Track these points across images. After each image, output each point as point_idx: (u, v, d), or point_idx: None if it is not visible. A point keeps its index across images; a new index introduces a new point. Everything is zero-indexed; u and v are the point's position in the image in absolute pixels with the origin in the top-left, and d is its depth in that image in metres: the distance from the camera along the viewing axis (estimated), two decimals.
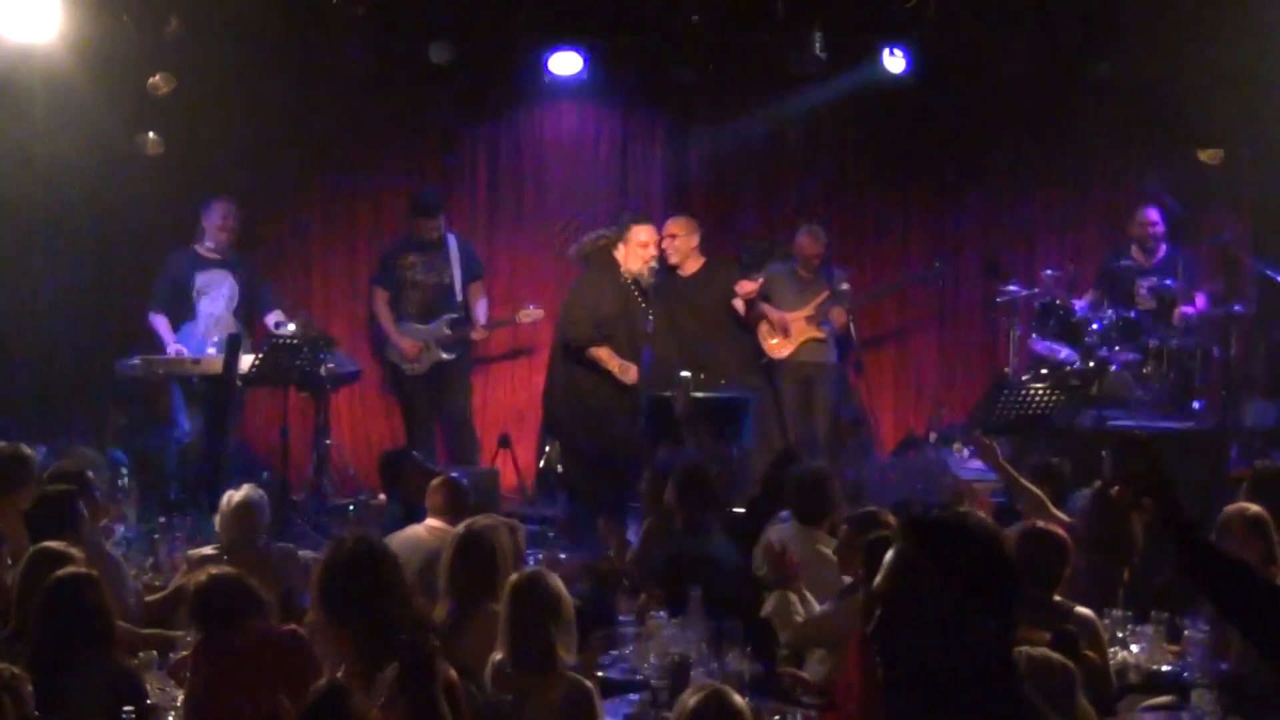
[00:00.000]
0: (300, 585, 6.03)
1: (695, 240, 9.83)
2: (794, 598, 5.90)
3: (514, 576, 4.83)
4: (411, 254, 10.30)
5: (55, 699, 4.39)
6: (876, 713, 4.40)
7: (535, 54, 10.79)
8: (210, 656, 4.73)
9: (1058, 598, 5.36)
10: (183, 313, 9.96)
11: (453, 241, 10.37)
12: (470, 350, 10.62)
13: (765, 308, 10.21)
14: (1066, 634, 4.72)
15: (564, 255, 10.19)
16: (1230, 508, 6.14)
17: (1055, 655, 4.13)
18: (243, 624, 4.75)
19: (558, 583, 4.78)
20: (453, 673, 3.99)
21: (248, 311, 10.09)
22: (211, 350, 9.73)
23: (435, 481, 6.95)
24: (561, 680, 4.59)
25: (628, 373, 9.18)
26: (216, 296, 10.00)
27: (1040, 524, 5.74)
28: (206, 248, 10.02)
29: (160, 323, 9.92)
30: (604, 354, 9.27)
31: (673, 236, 9.74)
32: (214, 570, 4.98)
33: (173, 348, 9.77)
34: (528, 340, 11.07)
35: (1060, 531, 5.64)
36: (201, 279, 9.98)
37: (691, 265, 9.82)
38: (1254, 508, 6.05)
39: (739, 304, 9.90)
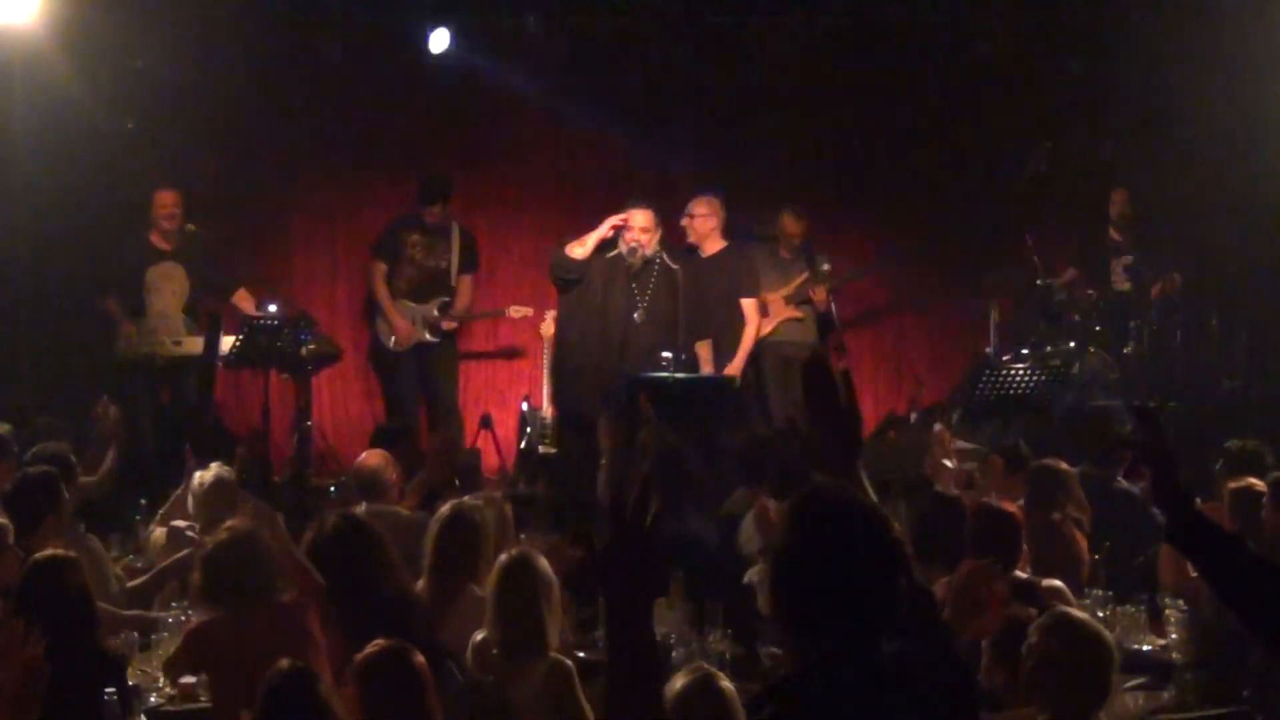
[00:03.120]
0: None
1: (714, 222, 9.72)
2: None
3: (502, 558, 4.76)
4: (415, 233, 10.31)
5: None
6: None
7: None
8: (236, 632, 4.69)
9: (1020, 574, 5.38)
10: (135, 306, 9.85)
11: (455, 230, 10.39)
12: (457, 333, 10.62)
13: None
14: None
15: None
16: (1241, 483, 6.11)
17: (1096, 627, 4.08)
18: (266, 597, 4.72)
19: (545, 565, 4.73)
20: (420, 658, 3.92)
21: (199, 301, 9.97)
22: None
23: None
24: (543, 660, 4.57)
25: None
26: (165, 293, 9.84)
27: (992, 501, 5.77)
28: (159, 233, 9.91)
29: (114, 305, 9.82)
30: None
31: (691, 216, 9.63)
32: (231, 532, 4.93)
33: (127, 326, 9.68)
34: (511, 324, 11.04)
35: (1011, 508, 5.65)
36: (152, 274, 9.82)
37: (711, 246, 9.76)
38: (1262, 484, 6.03)
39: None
